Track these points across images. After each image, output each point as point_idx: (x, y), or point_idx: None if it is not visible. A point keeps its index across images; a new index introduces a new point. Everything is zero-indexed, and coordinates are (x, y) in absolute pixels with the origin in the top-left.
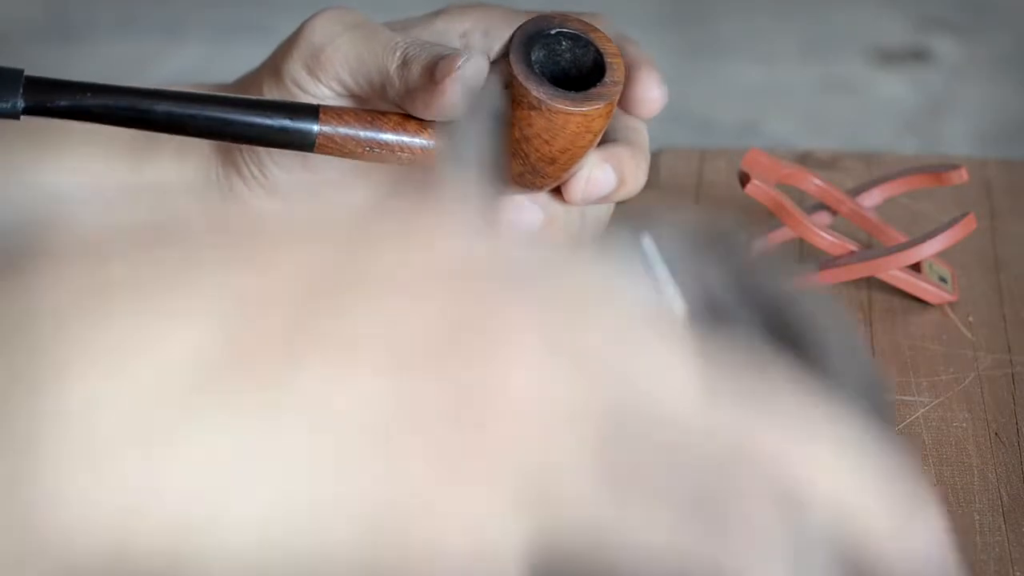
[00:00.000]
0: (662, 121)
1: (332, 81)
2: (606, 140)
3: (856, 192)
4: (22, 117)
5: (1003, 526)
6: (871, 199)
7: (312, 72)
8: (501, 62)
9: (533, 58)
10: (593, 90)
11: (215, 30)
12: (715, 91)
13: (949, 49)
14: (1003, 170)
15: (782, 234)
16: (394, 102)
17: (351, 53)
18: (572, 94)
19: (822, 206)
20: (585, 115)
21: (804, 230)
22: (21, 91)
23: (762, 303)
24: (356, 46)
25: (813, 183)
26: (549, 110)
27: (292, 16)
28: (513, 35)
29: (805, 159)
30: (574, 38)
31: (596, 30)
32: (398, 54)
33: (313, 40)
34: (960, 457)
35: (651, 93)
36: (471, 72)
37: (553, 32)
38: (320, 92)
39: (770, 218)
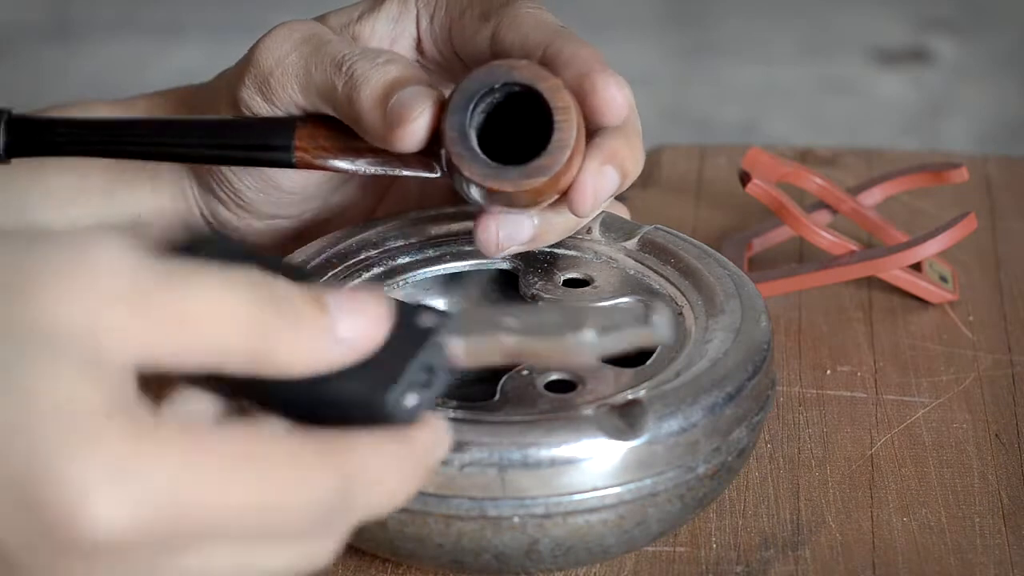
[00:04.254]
0: (663, 120)
1: (287, 104)
2: (594, 131)
3: (857, 191)
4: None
5: (1003, 528)
6: (872, 198)
7: (266, 97)
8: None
9: (473, 120)
10: (535, 163)
11: (215, 30)
12: (715, 91)
13: (949, 49)
14: (1004, 168)
15: (782, 233)
16: (345, 121)
17: (300, 72)
18: (511, 171)
19: (822, 205)
20: (529, 191)
21: (804, 229)
22: (3, 130)
23: None
24: (304, 64)
25: (814, 182)
26: (490, 188)
27: (291, 16)
28: (453, 92)
29: (806, 156)
30: (522, 89)
31: (547, 77)
32: (344, 70)
33: (263, 63)
34: (960, 459)
35: (612, 99)
36: (423, 123)
37: (499, 85)
38: (277, 114)
39: (770, 217)
